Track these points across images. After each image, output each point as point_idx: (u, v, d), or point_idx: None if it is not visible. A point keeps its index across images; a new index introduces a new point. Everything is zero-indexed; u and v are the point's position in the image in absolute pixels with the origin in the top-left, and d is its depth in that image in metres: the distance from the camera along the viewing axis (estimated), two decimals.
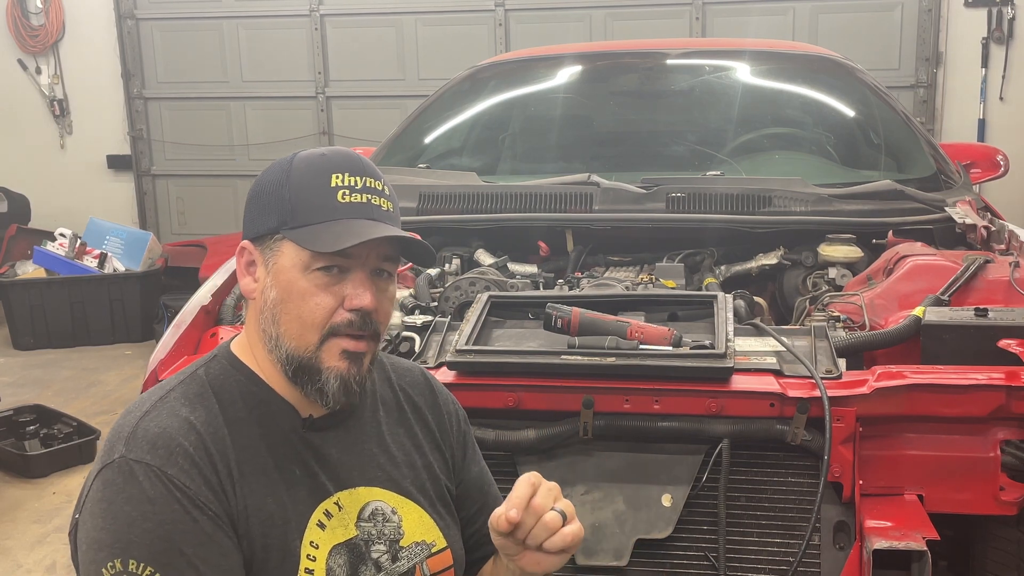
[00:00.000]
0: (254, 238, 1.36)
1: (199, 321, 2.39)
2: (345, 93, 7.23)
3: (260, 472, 1.32)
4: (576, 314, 2.11)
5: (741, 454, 2.01)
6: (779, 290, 2.89)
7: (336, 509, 1.36)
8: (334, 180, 1.33)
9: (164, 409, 1.30)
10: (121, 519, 1.22)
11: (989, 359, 2.03)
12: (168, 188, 7.67)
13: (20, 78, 7.57)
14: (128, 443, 1.26)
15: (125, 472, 1.24)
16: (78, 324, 6.22)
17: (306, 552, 1.32)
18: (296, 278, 1.31)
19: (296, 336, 1.32)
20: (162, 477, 1.23)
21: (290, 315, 1.32)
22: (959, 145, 4.57)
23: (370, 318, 1.34)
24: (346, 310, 1.32)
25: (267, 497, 1.31)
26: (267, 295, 1.34)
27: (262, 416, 1.35)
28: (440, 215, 3.03)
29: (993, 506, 1.95)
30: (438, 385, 1.59)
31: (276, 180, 1.35)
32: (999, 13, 6.32)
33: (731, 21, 6.62)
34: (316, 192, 1.32)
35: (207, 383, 1.35)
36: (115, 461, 1.25)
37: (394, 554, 1.40)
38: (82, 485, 1.31)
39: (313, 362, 1.33)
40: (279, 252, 1.33)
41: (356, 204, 1.33)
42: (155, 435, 1.26)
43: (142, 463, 1.24)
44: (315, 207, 1.32)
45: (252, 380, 1.37)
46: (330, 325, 1.32)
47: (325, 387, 1.33)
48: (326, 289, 1.32)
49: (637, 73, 3.97)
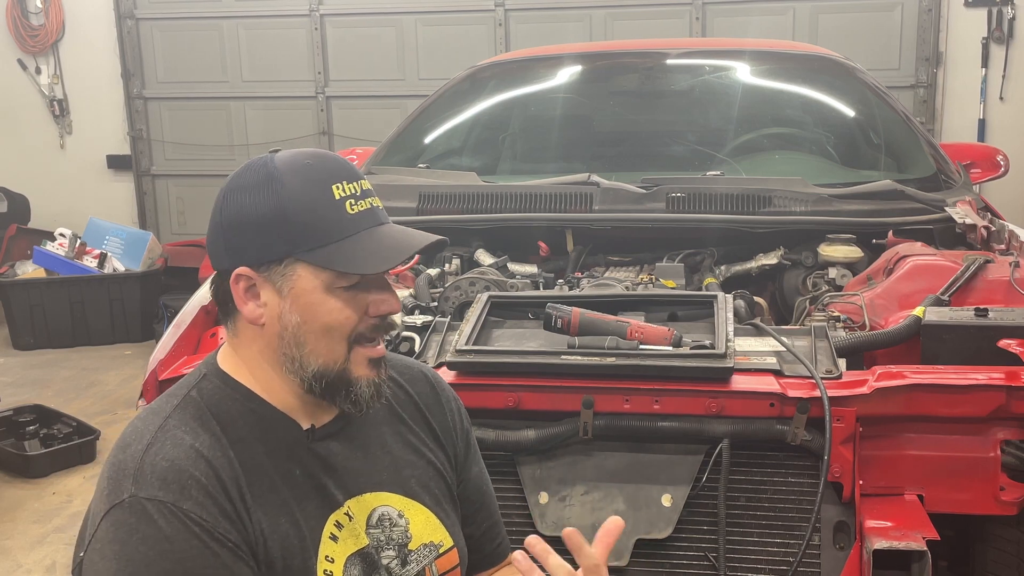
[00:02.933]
0: (253, 264, 1.29)
1: (199, 321, 2.39)
2: (345, 93, 7.22)
3: (269, 491, 1.29)
4: (576, 314, 2.11)
5: (741, 454, 2.01)
6: (779, 290, 2.89)
7: (347, 520, 1.35)
8: (336, 192, 1.29)
9: (167, 439, 1.25)
10: (137, 560, 1.18)
11: (989, 359, 2.03)
12: (168, 188, 7.66)
13: (20, 78, 7.56)
14: (137, 480, 1.21)
15: (138, 512, 1.19)
16: (78, 324, 6.22)
17: (323, 568, 1.30)
18: (321, 299, 1.29)
19: (325, 353, 1.31)
20: (178, 513, 1.19)
21: (316, 334, 1.30)
22: (959, 145, 4.57)
23: (390, 320, 1.36)
24: (371, 316, 1.32)
25: (280, 517, 1.29)
26: (287, 321, 1.30)
27: (264, 433, 1.32)
28: (440, 215, 3.03)
29: (993, 506, 1.95)
30: (441, 383, 1.58)
31: (269, 200, 1.27)
32: (999, 13, 6.32)
33: (731, 21, 6.62)
34: (324, 209, 1.28)
35: (203, 405, 1.31)
36: (125, 501, 1.20)
37: (403, 558, 1.40)
38: (84, 521, 1.26)
39: (344, 375, 1.32)
40: (295, 276, 1.29)
41: (364, 212, 1.31)
42: (164, 469, 1.22)
43: (155, 500, 1.20)
44: (329, 227, 1.28)
45: (248, 397, 1.33)
46: (356, 334, 1.32)
47: (360, 397, 1.33)
48: (351, 303, 1.31)
49: (637, 73, 3.97)
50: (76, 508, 3.87)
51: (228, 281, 1.31)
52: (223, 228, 1.31)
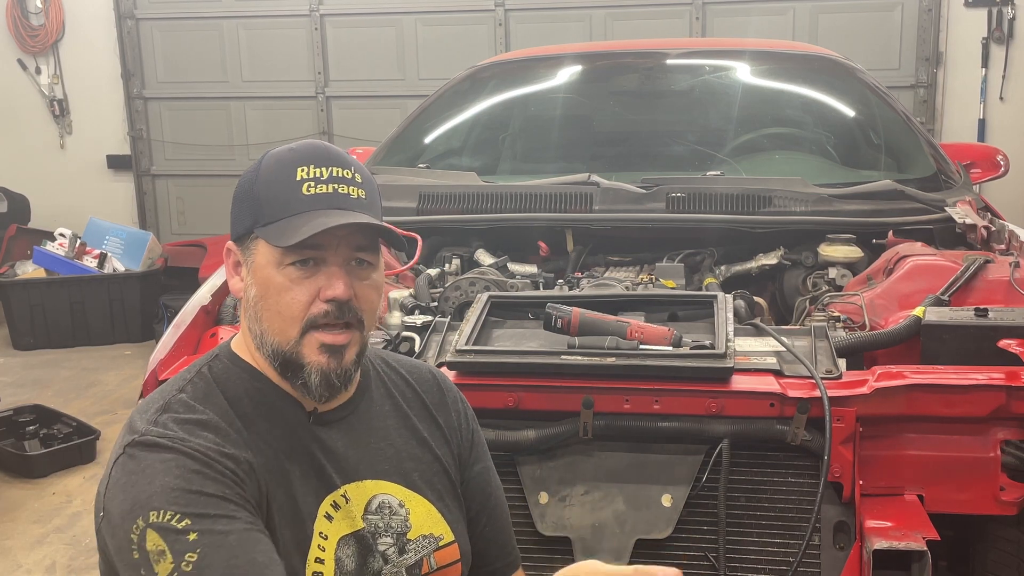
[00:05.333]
0: (236, 239, 1.39)
1: (199, 321, 2.39)
2: (345, 93, 7.22)
3: (272, 463, 1.33)
4: (576, 314, 2.11)
5: (741, 454, 2.01)
6: (779, 290, 2.89)
7: (343, 501, 1.38)
8: (299, 173, 1.33)
9: (179, 405, 1.32)
10: (141, 483, 1.23)
11: (989, 359, 2.03)
12: (168, 188, 7.66)
13: (20, 78, 7.56)
14: (152, 424, 1.28)
15: (143, 446, 1.25)
16: (78, 324, 6.22)
17: (316, 543, 1.34)
18: (271, 274, 1.33)
19: (278, 331, 1.34)
20: (185, 447, 1.25)
21: (270, 311, 1.34)
22: (959, 145, 4.57)
23: (348, 306, 1.34)
24: (322, 301, 1.33)
25: (279, 488, 1.32)
26: (249, 294, 1.36)
27: (268, 411, 1.36)
28: (440, 215, 3.03)
29: (993, 506, 1.95)
30: (446, 383, 1.60)
31: (249, 179, 1.37)
32: (999, 13, 6.32)
33: (731, 21, 6.62)
34: (282, 187, 1.33)
35: (213, 381, 1.36)
36: (137, 438, 1.27)
37: (401, 547, 1.41)
38: (100, 481, 1.30)
39: (295, 357, 1.34)
40: (255, 251, 1.35)
41: (321, 195, 1.33)
42: (179, 420, 1.29)
43: (166, 435, 1.26)
44: (281, 202, 1.32)
45: (255, 377, 1.38)
46: (308, 317, 1.33)
47: (308, 381, 1.34)
48: (300, 283, 1.32)
49: (637, 73, 3.97)
50: (76, 508, 3.87)
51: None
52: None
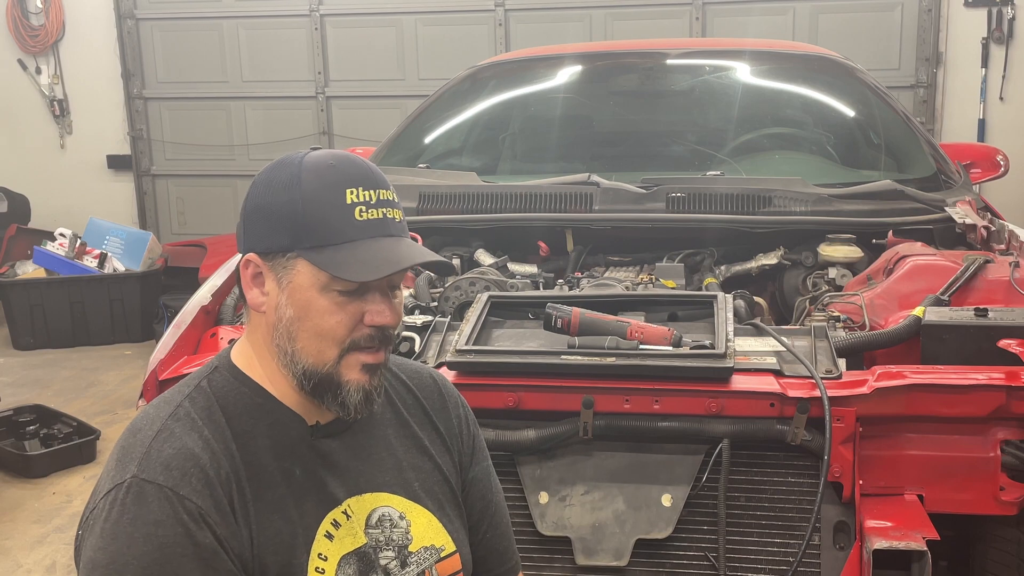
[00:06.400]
0: (263, 252, 1.32)
1: (199, 321, 2.39)
2: (345, 93, 7.22)
3: (268, 487, 1.31)
4: (576, 314, 2.11)
5: (741, 454, 2.01)
6: (779, 290, 2.89)
7: (344, 518, 1.36)
8: (349, 196, 1.29)
9: (175, 427, 1.28)
10: (122, 539, 1.20)
11: (989, 359, 2.03)
12: (168, 188, 7.66)
13: (20, 78, 7.57)
14: (141, 463, 1.24)
15: (135, 492, 1.22)
16: (78, 324, 6.22)
17: (314, 565, 1.31)
18: (314, 297, 1.30)
19: (315, 353, 1.31)
20: (172, 499, 1.22)
21: (308, 332, 1.31)
22: (959, 145, 4.57)
23: (388, 331, 1.34)
24: (366, 325, 1.31)
25: (274, 514, 1.30)
26: (282, 313, 1.32)
27: (269, 428, 1.34)
28: (440, 215, 3.03)
29: (993, 506, 1.96)
30: (447, 387, 1.58)
31: (285, 194, 1.30)
32: (999, 13, 6.32)
33: (731, 21, 6.62)
34: (332, 210, 1.28)
35: (212, 397, 1.33)
36: (126, 481, 1.23)
37: (403, 560, 1.40)
38: (89, 498, 1.29)
39: (333, 377, 1.32)
40: (294, 271, 1.30)
41: (373, 221, 1.30)
42: (169, 456, 1.25)
43: (155, 484, 1.23)
44: (333, 227, 1.28)
45: (256, 392, 1.35)
46: (350, 341, 1.31)
47: (347, 400, 1.32)
48: (344, 307, 1.30)
49: (637, 73, 3.97)
50: (76, 508, 3.87)
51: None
52: (245, 215, 1.35)
